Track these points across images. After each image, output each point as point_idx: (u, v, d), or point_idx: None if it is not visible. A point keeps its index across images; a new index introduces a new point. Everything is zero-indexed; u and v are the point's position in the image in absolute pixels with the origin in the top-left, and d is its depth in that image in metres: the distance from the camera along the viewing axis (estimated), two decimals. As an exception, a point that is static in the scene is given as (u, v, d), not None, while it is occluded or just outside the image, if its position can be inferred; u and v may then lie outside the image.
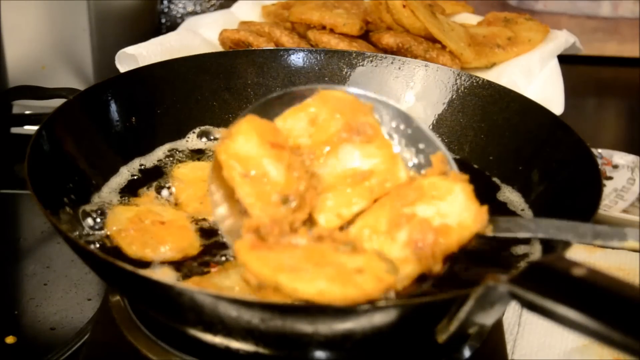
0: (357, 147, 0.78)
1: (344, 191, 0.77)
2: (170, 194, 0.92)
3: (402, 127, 0.85)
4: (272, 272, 0.66)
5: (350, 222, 0.77)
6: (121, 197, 0.90)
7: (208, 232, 0.86)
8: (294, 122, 0.81)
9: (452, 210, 0.74)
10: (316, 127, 0.80)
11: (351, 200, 0.77)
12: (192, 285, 0.74)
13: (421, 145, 0.84)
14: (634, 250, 0.71)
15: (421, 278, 0.74)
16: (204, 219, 0.87)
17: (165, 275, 0.78)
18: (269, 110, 0.83)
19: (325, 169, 0.79)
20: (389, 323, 0.66)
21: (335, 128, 0.79)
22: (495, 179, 0.97)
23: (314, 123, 0.80)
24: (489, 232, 0.76)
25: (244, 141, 0.77)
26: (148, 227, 0.84)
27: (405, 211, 0.74)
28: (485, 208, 0.76)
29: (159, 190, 0.92)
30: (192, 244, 0.84)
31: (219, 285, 0.76)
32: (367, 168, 0.78)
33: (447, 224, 0.73)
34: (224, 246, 0.83)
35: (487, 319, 0.67)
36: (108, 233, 0.84)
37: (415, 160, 0.84)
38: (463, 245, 0.74)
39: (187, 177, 0.94)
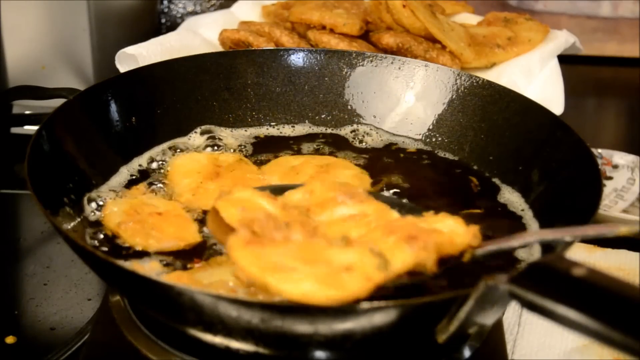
0: (351, 207, 0.80)
1: (340, 225, 0.78)
2: (162, 185, 0.93)
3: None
4: (261, 272, 0.66)
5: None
6: (115, 193, 0.91)
7: (203, 222, 0.87)
8: (291, 195, 0.83)
9: (444, 225, 0.76)
10: (312, 196, 0.82)
11: (347, 229, 0.78)
12: (186, 283, 0.74)
13: None
14: (630, 236, 0.71)
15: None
16: (198, 211, 0.88)
17: (151, 270, 0.79)
18: None
19: (321, 218, 0.80)
20: (389, 323, 0.66)
21: (331, 195, 0.81)
22: (495, 179, 0.97)
23: (311, 194, 0.82)
24: (485, 246, 0.76)
25: (239, 192, 0.80)
26: (146, 219, 0.85)
27: (398, 222, 0.76)
28: (477, 227, 0.76)
29: (149, 183, 0.93)
30: (193, 232, 0.85)
31: (200, 282, 0.76)
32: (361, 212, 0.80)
33: (439, 230, 0.74)
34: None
35: (487, 319, 0.67)
36: (106, 227, 0.85)
37: None
38: (456, 252, 0.74)
39: (184, 168, 0.95)
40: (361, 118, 1.08)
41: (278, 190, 0.83)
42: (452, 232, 0.74)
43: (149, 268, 0.79)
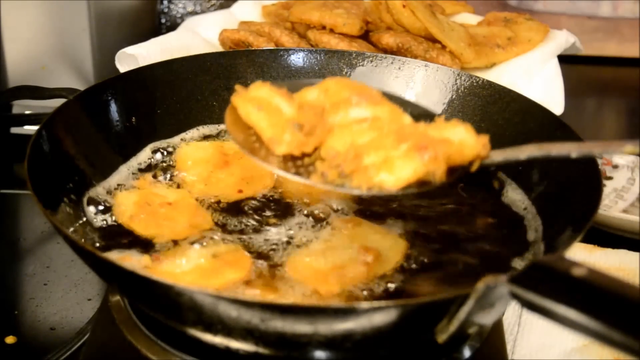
0: (365, 107, 0.80)
1: (353, 128, 0.79)
2: (171, 177, 0.94)
3: None
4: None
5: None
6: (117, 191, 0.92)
7: (218, 211, 0.88)
8: (307, 94, 0.84)
9: (454, 134, 0.76)
10: (327, 95, 0.82)
11: (360, 132, 0.78)
12: (191, 285, 0.74)
13: None
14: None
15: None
16: (211, 199, 0.90)
17: (139, 263, 0.80)
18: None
19: (336, 118, 0.81)
20: (389, 323, 0.66)
21: (346, 95, 0.82)
22: (496, 179, 0.97)
23: (326, 93, 0.82)
24: (492, 156, 0.77)
25: (256, 89, 0.82)
26: (157, 209, 0.87)
27: (410, 129, 0.77)
28: (487, 137, 0.76)
29: (155, 174, 0.94)
30: (205, 219, 0.87)
31: (169, 272, 0.78)
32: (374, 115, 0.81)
33: (449, 139, 0.75)
34: (235, 220, 0.86)
35: (487, 319, 0.67)
36: (119, 221, 0.86)
37: None
38: (465, 162, 0.75)
39: (191, 157, 0.96)
40: (361, 118, 1.08)
41: (295, 87, 0.84)
42: (462, 141, 0.75)
43: (137, 261, 0.80)
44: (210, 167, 0.94)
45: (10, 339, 0.93)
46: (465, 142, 0.75)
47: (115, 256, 0.81)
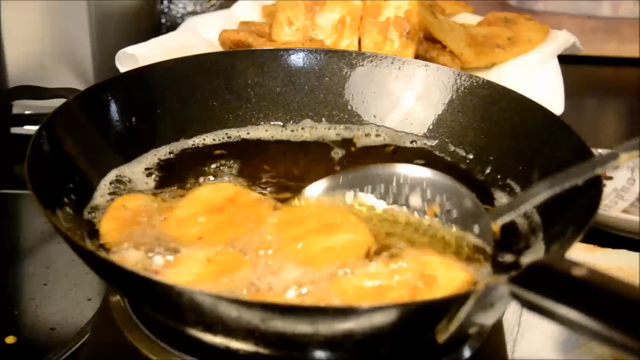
0: None
1: None
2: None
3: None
4: None
5: None
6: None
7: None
8: None
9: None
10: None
11: None
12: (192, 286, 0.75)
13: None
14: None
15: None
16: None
17: (135, 261, 0.80)
18: None
19: None
20: (389, 323, 0.66)
21: None
22: (496, 179, 0.97)
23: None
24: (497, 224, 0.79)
25: None
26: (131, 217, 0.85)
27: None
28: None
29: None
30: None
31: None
32: None
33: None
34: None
35: (487, 319, 0.67)
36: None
37: None
38: None
39: (206, 198, 0.89)
40: (361, 118, 1.08)
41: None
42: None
43: (133, 259, 0.79)
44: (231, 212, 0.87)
45: (10, 339, 0.93)
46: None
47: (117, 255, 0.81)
